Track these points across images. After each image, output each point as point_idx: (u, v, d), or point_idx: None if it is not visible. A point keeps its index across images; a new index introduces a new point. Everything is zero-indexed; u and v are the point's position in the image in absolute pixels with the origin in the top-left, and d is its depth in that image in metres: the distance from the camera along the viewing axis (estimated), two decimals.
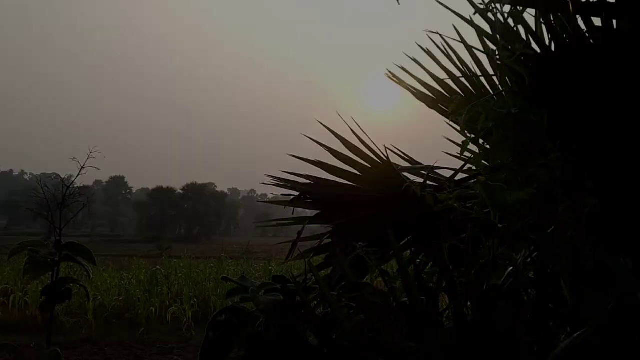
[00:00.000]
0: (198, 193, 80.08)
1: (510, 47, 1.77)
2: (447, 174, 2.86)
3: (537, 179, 1.30)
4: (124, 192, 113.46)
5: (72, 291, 1.57)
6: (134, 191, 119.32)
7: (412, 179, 2.76)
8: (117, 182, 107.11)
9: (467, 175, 2.53)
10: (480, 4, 2.35)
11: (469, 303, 1.38)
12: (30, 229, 76.15)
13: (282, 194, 3.02)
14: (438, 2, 2.40)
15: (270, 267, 15.90)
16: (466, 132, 2.13)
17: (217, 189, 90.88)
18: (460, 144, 3.04)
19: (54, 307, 1.57)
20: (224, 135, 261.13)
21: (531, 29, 2.22)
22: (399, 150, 3.03)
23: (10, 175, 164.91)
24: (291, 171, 2.94)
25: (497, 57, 1.47)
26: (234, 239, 61.03)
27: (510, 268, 1.39)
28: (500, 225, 1.25)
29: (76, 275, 8.27)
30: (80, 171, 1.66)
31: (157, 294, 12.74)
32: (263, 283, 1.53)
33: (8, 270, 15.02)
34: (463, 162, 2.75)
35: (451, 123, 2.97)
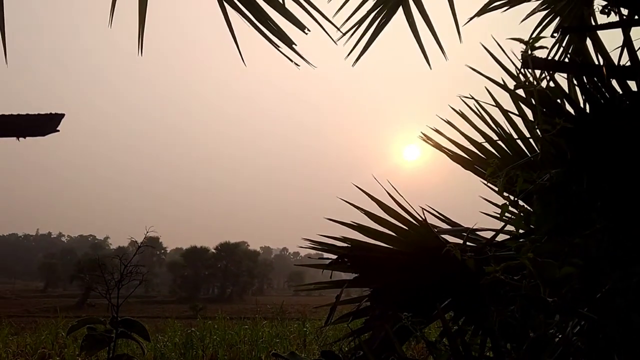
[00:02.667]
0: (231, 252, 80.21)
1: (547, 113, 1.79)
2: (486, 234, 2.85)
3: (583, 249, 1.29)
4: (158, 253, 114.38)
5: None
6: (168, 251, 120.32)
7: (450, 240, 2.75)
8: (152, 243, 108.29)
9: (508, 237, 2.51)
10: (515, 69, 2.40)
11: None
12: (67, 291, 76.98)
13: (319, 257, 3.04)
14: (471, 68, 2.45)
15: (304, 329, 15.67)
16: (505, 193, 2.13)
17: (249, 247, 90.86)
18: (498, 204, 3.04)
19: None
20: (256, 193, 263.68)
21: (564, 91, 2.25)
22: (436, 211, 3.03)
23: (49, 238, 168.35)
24: (325, 233, 2.96)
25: (537, 130, 1.48)
26: (267, 298, 60.62)
27: (559, 336, 1.36)
28: (549, 300, 1.24)
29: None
30: (137, 250, 1.72)
31: (191, 358, 12.65)
32: None
33: (46, 334, 15.13)
34: (502, 223, 2.74)
35: (488, 184, 2.97)
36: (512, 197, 2.19)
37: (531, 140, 2.66)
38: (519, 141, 2.67)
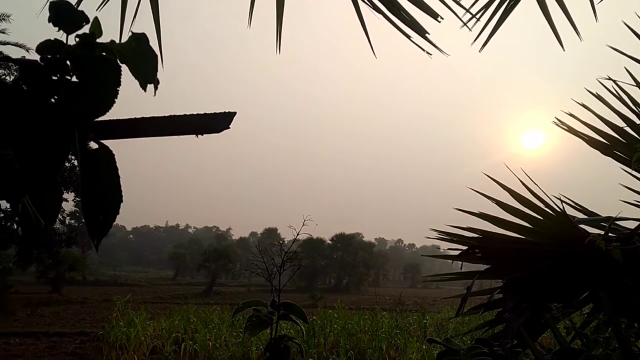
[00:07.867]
0: (346, 243, 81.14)
1: None
2: (628, 224, 2.69)
3: None
4: (276, 243, 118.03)
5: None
6: (285, 242, 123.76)
7: (589, 231, 2.62)
8: (270, 234, 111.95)
9: None
10: None
11: None
12: (194, 280, 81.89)
13: (448, 248, 3.02)
14: (613, 48, 2.33)
15: (424, 321, 15.57)
16: None
17: (364, 239, 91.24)
18: None
19: None
20: (371, 185, 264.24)
21: None
22: (572, 200, 2.90)
23: (177, 229, 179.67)
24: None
25: None
26: (382, 289, 60.71)
27: None
28: None
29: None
30: (296, 237, 1.85)
31: (314, 345, 13.01)
32: (470, 347, 1.55)
33: (178, 319, 16.18)
34: None
35: (629, 170, 2.80)
36: None
37: None
38: None
